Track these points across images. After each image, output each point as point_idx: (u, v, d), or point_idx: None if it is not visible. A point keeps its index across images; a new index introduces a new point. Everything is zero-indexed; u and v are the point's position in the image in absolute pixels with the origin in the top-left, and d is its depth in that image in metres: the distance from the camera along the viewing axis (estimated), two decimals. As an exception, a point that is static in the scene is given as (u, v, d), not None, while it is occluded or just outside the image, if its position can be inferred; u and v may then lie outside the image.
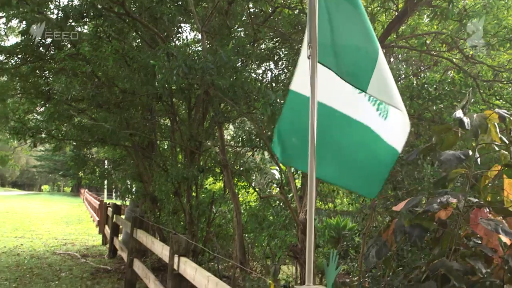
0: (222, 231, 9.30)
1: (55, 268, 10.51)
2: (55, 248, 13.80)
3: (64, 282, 9.16)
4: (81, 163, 13.42)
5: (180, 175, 7.99)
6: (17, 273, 9.77)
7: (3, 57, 10.87)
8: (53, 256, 12.20)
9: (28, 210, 29.95)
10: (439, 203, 3.24)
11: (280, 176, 8.08)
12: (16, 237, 15.70)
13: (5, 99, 11.45)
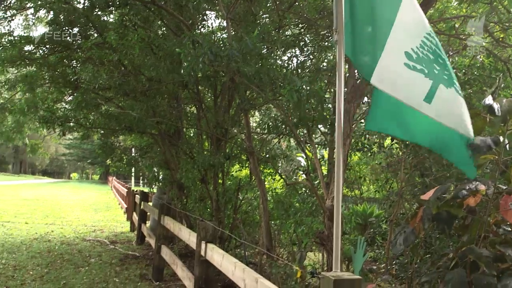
0: (249, 218, 9.34)
1: (85, 254, 10.70)
2: (84, 234, 14.04)
3: (93, 267, 9.32)
4: (108, 151, 13.59)
5: (207, 162, 8.03)
6: (49, 258, 9.98)
7: (31, 47, 11.03)
8: (82, 243, 12.42)
9: (58, 197, 30.50)
10: (468, 190, 3.20)
11: (306, 163, 8.06)
12: (47, 224, 16.02)
13: (34, 88, 11.62)
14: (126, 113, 9.09)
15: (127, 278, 8.56)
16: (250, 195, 9.35)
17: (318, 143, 8.16)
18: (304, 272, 4.48)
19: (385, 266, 5.97)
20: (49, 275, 8.48)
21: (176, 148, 10.35)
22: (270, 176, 9.59)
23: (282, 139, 9.03)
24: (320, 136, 8.35)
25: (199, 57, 5.66)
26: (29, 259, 9.82)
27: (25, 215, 18.25)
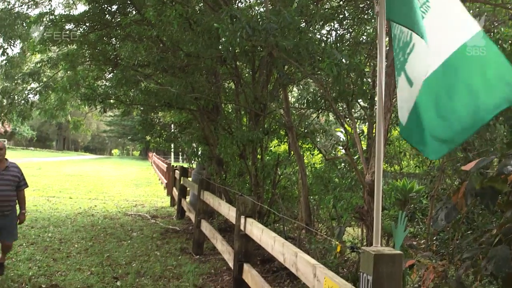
0: (287, 193, 9.35)
1: (127, 228, 10.95)
2: (126, 209, 14.35)
3: (135, 241, 9.54)
4: (148, 127, 13.75)
5: (245, 137, 8.04)
6: (92, 232, 10.26)
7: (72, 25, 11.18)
8: (124, 217, 12.71)
9: (100, 173, 31.19)
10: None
11: (345, 137, 7.99)
12: (90, 199, 16.43)
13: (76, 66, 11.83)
14: (165, 89, 9.16)
15: (168, 252, 8.73)
16: (289, 170, 9.34)
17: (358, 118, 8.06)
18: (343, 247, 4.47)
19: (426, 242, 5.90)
20: (93, 248, 8.72)
21: (215, 123, 10.40)
22: (308, 151, 9.55)
23: (321, 114, 8.95)
24: (360, 110, 8.25)
25: (237, 32, 5.63)
26: (74, 232, 10.11)
27: (69, 190, 18.76)
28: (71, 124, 16.68)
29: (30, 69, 13.94)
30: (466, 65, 2.93)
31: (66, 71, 12.78)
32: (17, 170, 6.70)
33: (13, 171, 6.63)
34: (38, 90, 13.72)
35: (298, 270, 3.65)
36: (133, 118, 33.31)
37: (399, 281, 2.54)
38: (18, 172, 6.71)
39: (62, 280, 6.68)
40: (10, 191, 6.52)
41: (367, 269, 2.54)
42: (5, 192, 6.46)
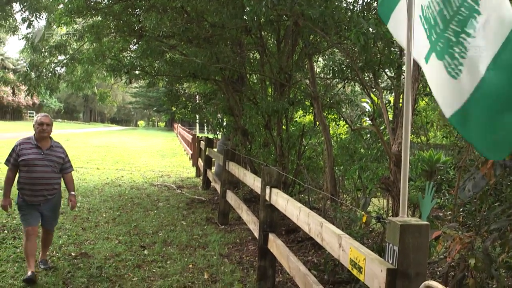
0: (312, 164, 9.33)
1: (153, 198, 11.10)
2: (152, 179, 14.52)
3: (162, 211, 9.67)
4: (173, 98, 13.81)
5: (270, 108, 8.02)
6: (120, 202, 10.43)
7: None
8: (151, 187, 12.87)
9: (126, 144, 31.55)
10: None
11: (371, 108, 7.90)
12: (117, 170, 16.66)
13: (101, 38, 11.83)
14: (190, 60, 9.14)
15: (194, 222, 8.83)
16: (314, 141, 9.30)
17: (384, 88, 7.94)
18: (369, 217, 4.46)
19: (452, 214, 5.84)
20: (120, 217, 8.88)
21: (240, 94, 10.38)
22: (334, 121, 9.49)
23: (347, 84, 8.85)
24: (386, 80, 8.12)
25: (262, 1, 5.56)
26: (102, 202, 10.29)
27: (96, 161, 19.04)
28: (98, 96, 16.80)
29: (56, 42, 14.01)
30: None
31: (91, 43, 12.81)
32: (61, 150, 5.89)
33: (57, 151, 5.82)
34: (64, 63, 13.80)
35: (323, 240, 3.66)
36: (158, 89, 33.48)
37: (425, 252, 2.53)
38: (63, 152, 5.90)
39: (91, 249, 6.83)
40: (54, 173, 5.76)
41: (393, 239, 2.53)
42: (49, 174, 5.70)
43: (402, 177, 2.92)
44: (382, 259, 2.69)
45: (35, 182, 5.59)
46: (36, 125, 5.67)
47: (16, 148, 5.63)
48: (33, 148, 5.63)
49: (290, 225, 7.83)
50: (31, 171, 5.58)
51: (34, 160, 5.58)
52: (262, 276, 5.62)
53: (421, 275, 2.49)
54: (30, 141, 5.68)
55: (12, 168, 5.66)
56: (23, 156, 5.56)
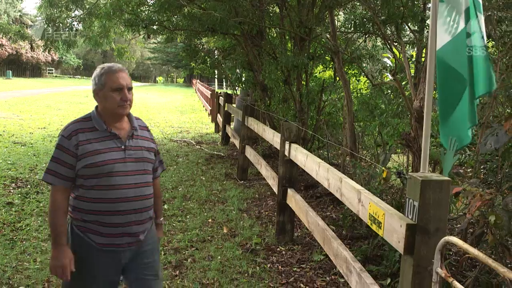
0: (332, 119, 9.28)
1: (173, 154, 11.18)
2: (172, 135, 14.60)
3: (181, 166, 9.75)
4: (192, 53, 13.72)
5: (290, 63, 7.92)
6: (140, 157, 10.51)
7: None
8: (170, 143, 12.95)
9: (145, 100, 31.64)
10: None
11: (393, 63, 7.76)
12: (136, 125, 16.73)
13: (119, -9, 11.71)
14: (209, 14, 9.01)
15: (213, 177, 8.90)
16: (334, 96, 9.22)
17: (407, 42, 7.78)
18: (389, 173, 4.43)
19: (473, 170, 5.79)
20: (140, 172, 8.96)
21: (259, 49, 10.26)
22: (354, 77, 9.37)
23: (368, 38, 8.68)
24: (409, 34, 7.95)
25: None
26: (122, 157, 10.38)
27: (116, 117, 19.12)
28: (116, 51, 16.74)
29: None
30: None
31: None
32: (149, 134, 3.09)
33: (145, 136, 3.01)
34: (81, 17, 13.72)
35: (343, 195, 3.65)
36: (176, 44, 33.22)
37: (446, 208, 2.50)
38: (151, 137, 3.10)
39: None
40: (148, 183, 2.95)
41: (414, 195, 2.51)
42: (143, 189, 2.89)
43: (424, 132, 2.87)
44: (402, 214, 2.68)
45: (116, 209, 2.77)
46: (105, 91, 2.79)
47: (69, 143, 2.73)
48: (104, 138, 2.79)
49: (309, 180, 7.84)
50: (107, 186, 2.74)
51: (112, 164, 2.75)
52: (280, 230, 5.67)
53: (441, 230, 2.48)
54: (94, 124, 2.81)
55: (64, 185, 2.76)
56: (89, 156, 2.72)
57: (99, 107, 2.86)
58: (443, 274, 2.03)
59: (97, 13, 12.78)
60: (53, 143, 11.70)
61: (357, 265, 3.42)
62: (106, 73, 2.80)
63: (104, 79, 2.79)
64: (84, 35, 15.08)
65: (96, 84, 2.82)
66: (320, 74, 10.47)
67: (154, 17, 10.74)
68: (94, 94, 2.86)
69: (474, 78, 2.73)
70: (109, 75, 2.79)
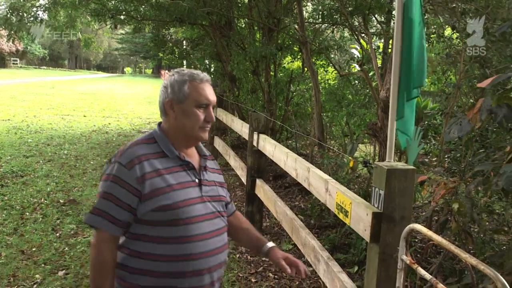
0: (300, 110, 9.33)
1: (142, 145, 11.07)
2: (140, 126, 14.48)
3: (150, 157, 9.67)
4: (160, 43, 13.60)
5: (258, 53, 7.93)
6: (107, 149, 10.40)
7: None
8: (138, 134, 12.83)
9: (113, 91, 31.24)
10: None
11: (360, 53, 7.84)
12: (104, 117, 16.56)
13: (85, -20, 11.51)
14: (177, 3, 8.93)
15: (182, 168, 8.86)
16: (302, 87, 9.27)
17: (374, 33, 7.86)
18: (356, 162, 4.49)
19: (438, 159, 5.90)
20: (108, 164, 8.87)
21: (228, 39, 10.23)
22: (322, 67, 9.43)
23: (336, 29, 8.74)
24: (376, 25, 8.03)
25: None
26: (89, 149, 10.27)
27: (83, 109, 18.87)
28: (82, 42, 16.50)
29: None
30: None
31: (74, -14, 12.47)
32: (216, 165, 2.41)
33: (215, 168, 2.34)
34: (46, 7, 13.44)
35: (310, 185, 3.68)
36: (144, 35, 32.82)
37: (411, 196, 2.55)
38: (219, 170, 2.43)
39: (79, 196, 6.85)
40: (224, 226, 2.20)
41: (380, 183, 2.55)
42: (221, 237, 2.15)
43: (390, 122, 2.92)
44: (368, 203, 2.72)
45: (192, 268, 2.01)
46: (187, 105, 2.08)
47: (130, 174, 1.97)
48: (176, 168, 2.08)
49: (277, 171, 7.88)
50: (185, 238, 1.99)
51: (191, 205, 2.04)
52: (250, 220, 5.67)
53: (406, 218, 2.52)
54: (162, 148, 2.09)
55: (116, 233, 1.99)
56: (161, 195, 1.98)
57: (168, 125, 2.11)
58: (408, 261, 2.08)
59: (62, 2, 12.52)
60: (18, 135, 11.48)
61: (324, 254, 3.47)
62: (191, 81, 2.08)
63: (187, 89, 2.07)
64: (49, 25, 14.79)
65: (173, 94, 2.07)
66: (289, 64, 10.50)
67: (121, 6, 10.61)
68: (165, 107, 2.10)
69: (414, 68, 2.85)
70: (195, 85, 2.08)
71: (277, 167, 7.56)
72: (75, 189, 7.18)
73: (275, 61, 8.90)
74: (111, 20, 10.71)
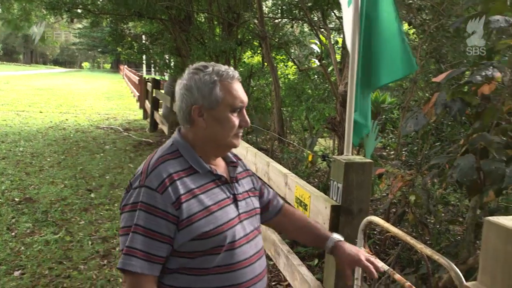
0: (260, 105, 9.35)
1: (100, 141, 10.91)
2: (98, 122, 14.23)
3: (108, 154, 9.53)
4: (118, 38, 13.39)
5: (218, 48, 7.91)
6: (65, 146, 10.19)
7: None
8: (97, 130, 12.62)
9: (71, 87, 30.60)
10: (483, 76, 3.11)
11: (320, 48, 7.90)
12: (61, 113, 16.21)
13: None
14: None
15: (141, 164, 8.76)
16: (262, 81, 9.29)
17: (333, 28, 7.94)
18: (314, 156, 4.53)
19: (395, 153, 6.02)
20: (65, 161, 8.70)
21: (187, 34, 10.16)
22: (282, 62, 9.47)
23: (295, 24, 8.79)
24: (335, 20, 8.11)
25: None
26: (46, 146, 10.03)
27: (39, 104, 18.42)
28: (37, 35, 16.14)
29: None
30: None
31: (29, -22, 12.19)
32: (243, 165, 1.97)
33: (242, 171, 1.92)
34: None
35: (270, 179, 3.70)
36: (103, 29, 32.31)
37: (368, 189, 2.59)
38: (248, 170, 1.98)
39: (36, 193, 6.69)
40: (262, 245, 1.88)
41: (338, 177, 2.58)
42: (261, 254, 1.83)
43: (347, 116, 2.95)
44: (327, 196, 2.75)
45: None
46: (221, 110, 1.71)
47: (164, 199, 1.59)
48: (209, 184, 1.72)
49: (238, 166, 7.88)
50: (228, 267, 1.68)
51: (232, 228, 1.70)
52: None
53: (364, 211, 2.57)
54: (189, 162, 1.71)
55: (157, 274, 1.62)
56: (200, 219, 1.63)
57: (194, 134, 1.74)
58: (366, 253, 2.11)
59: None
60: (-30, 131, 11.17)
61: (284, 247, 3.49)
62: (221, 81, 1.71)
63: (219, 92, 1.69)
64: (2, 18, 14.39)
65: (203, 98, 1.69)
66: (249, 59, 10.51)
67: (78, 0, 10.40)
68: (192, 114, 1.71)
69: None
70: (226, 85, 1.71)
71: (237, 162, 7.56)
72: (31, 187, 7.00)
73: (235, 56, 8.89)
74: (68, 13, 10.50)
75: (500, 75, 3.18)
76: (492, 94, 3.26)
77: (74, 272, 4.37)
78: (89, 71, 72.69)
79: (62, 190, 6.89)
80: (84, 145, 10.38)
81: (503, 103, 3.18)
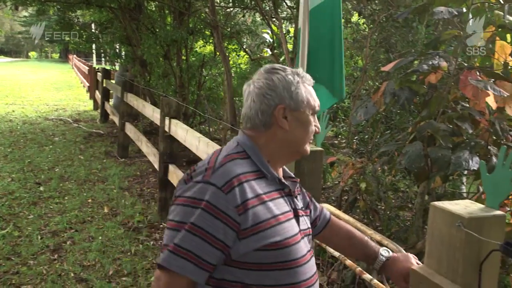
0: (213, 95, 9.32)
1: (48, 133, 10.65)
2: (47, 114, 13.88)
3: (58, 146, 9.32)
4: (66, 27, 13.02)
5: (169, 37, 7.82)
6: (11, 138, 9.89)
7: None
8: (45, 122, 12.31)
9: (17, 77, 29.69)
10: (429, 65, 3.18)
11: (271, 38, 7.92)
12: (7, 104, 15.71)
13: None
14: (83, -16, 8.62)
15: (92, 156, 8.61)
16: (214, 71, 9.25)
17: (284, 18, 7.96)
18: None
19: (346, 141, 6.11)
20: (13, 154, 8.45)
21: (137, 23, 9.98)
22: (234, 52, 9.45)
23: (247, 13, 8.77)
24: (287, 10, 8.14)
25: None
26: (-9, 139, 9.73)
27: (-17, 95, 17.83)
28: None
29: None
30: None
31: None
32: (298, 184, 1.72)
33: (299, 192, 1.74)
34: None
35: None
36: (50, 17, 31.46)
37: (319, 177, 2.63)
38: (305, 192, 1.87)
39: (-19, 188, 6.49)
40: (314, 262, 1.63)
41: (289, 165, 2.59)
42: (316, 277, 1.60)
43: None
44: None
45: None
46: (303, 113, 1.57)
47: (227, 201, 1.40)
48: (275, 193, 1.53)
49: (191, 156, 7.83)
50: (292, 283, 1.48)
51: (298, 243, 1.52)
52: (163, 207, 5.63)
53: (315, 198, 2.59)
54: (258, 166, 1.53)
55: (200, 280, 1.41)
56: (268, 229, 1.44)
57: (268, 137, 1.56)
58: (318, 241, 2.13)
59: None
60: None
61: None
62: (304, 82, 1.59)
63: (304, 92, 1.57)
64: None
65: (289, 98, 1.54)
66: (201, 49, 10.43)
67: (22, -14, 10.06)
68: (276, 114, 1.54)
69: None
70: (307, 86, 1.60)
71: (190, 152, 7.52)
72: (-25, 181, 6.78)
73: (187, 45, 8.81)
74: (12, 0, 10.14)
75: (446, 65, 3.27)
76: (438, 83, 3.35)
77: (23, 268, 4.26)
78: (36, 61, 70.58)
79: (9, 184, 6.69)
80: (32, 137, 10.10)
81: (448, 92, 3.26)
